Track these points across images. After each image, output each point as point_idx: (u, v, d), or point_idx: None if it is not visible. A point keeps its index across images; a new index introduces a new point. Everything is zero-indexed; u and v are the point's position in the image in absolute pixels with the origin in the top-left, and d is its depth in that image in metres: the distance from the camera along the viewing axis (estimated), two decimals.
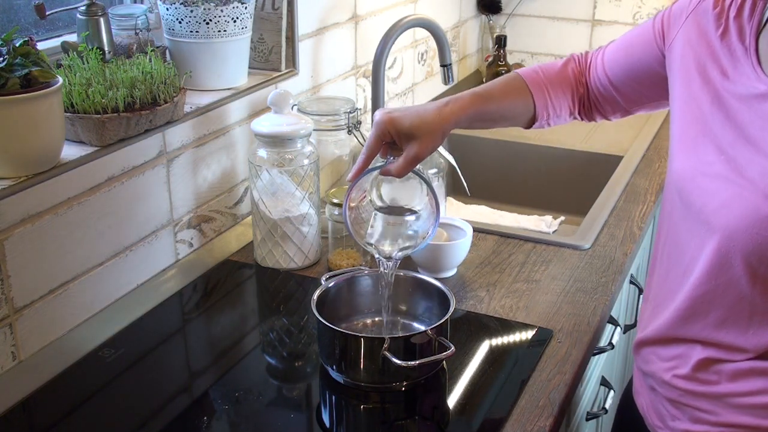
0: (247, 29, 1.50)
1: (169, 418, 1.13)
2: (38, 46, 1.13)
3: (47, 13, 1.29)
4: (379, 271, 1.19)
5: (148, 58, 1.32)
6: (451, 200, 2.06)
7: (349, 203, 1.15)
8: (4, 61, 1.07)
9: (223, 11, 1.44)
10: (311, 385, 1.23)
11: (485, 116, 1.20)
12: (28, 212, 1.13)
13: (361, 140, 1.66)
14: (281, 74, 1.65)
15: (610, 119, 1.31)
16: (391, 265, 1.18)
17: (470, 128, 1.23)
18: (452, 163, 1.59)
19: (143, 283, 1.37)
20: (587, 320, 1.35)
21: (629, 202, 1.80)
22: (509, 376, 1.21)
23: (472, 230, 1.49)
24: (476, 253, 1.55)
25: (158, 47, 1.46)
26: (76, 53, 1.29)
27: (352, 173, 1.13)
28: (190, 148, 1.42)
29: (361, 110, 1.71)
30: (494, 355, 1.26)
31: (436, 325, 1.16)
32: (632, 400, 1.25)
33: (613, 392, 1.64)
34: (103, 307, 1.30)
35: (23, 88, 1.08)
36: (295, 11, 1.63)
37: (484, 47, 2.71)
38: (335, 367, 1.17)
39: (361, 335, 1.17)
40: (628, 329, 1.71)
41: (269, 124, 1.43)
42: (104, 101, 1.21)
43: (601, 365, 1.63)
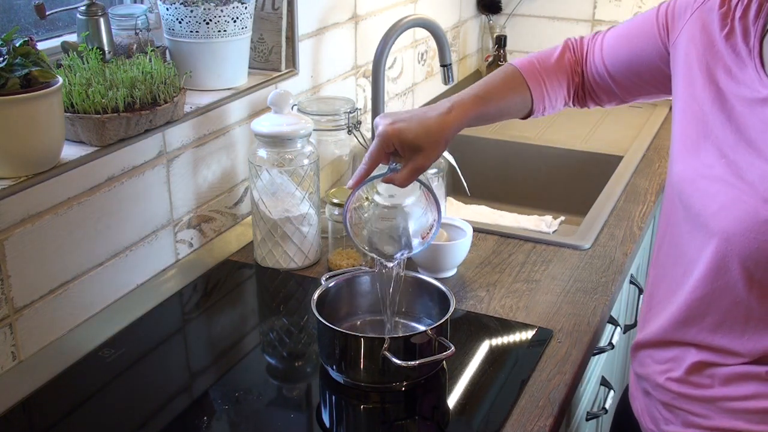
0: (247, 29, 1.50)
1: (169, 418, 1.13)
2: (38, 46, 1.13)
3: (47, 13, 1.29)
4: (376, 270, 1.19)
5: (148, 58, 1.32)
6: (451, 200, 2.06)
7: (350, 209, 1.15)
8: (4, 61, 1.07)
9: (223, 11, 1.44)
10: (311, 385, 1.23)
11: (485, 117, 1.20)
12: (28, 212, 1.13)
13: (361, 140, 1.66)
14: (281, 74, 1.65)
15: (604, 107, 1.31)
16: (391, 265, 1.17)
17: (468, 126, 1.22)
18: (452, 163, 1.59)
19: (143, 283, 1.37)
20: (587, 320, 1.35)
21: (629, 202, 1.80)
22: (509, 376, 1.21)
23: (472, 230, 1.49)
24: (476, 253, 1.55)
25: (158, 47, 1.46)
26: (76, 53, 1.29)
27: (352, 181, 1.11)
28: (190, 148, 1.42)
29: (361, 110, 1.71)
30: (494, 355, 1.26)
31: (436, 325, 1.16)
32: (628, 404, 1.25)
33: (613, 392, 1.64)
34: (103, 307, 1.30)
35: (23, 88, 1.08)
36: (295, 11, 1.63)
37: (484, 47, 2.71)
38: (335, 367, 1.17)
39: (361, 335, 1.17)
40: (628, 329, 1.71)
41: (269, 124, 1.43)
42: (104, 101, 1.21)
43: (601, 365, 1.63)
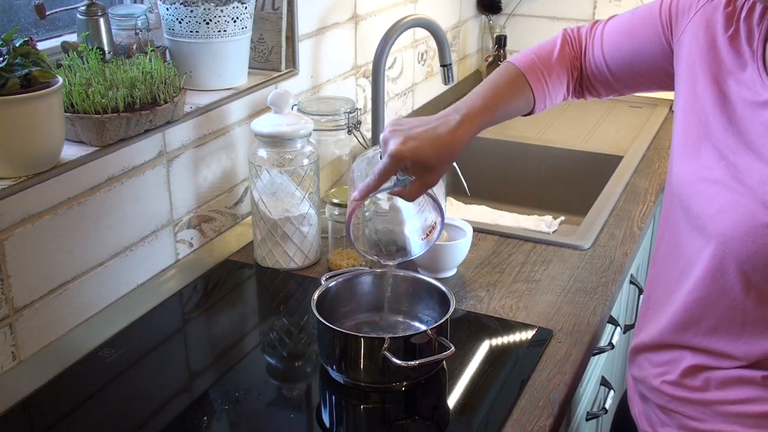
0: (247, 29, 1.50)
1: (169, 418, 1.13)
2: (38, 46, 1.13)
3: (47, 13, 1.29)
4: (376, 268, 1.19)
5: (148, 58, 1.32)
6: (451, 200, 2.06)
7: (352, 222, 1.13)
8: (4, 61, 1.07)
9: (223, 11, 1.44)
10: (311, 385, 1.23)
11: (491, 124, 1.19)
12: (28, 212, 1.13)
13: (361, 140, 1.66)
14: (281, 74, 1.65)
15: (601, 98, 1.30)
16: (392, 264, 1.18)
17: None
18: (452, 163, 1.59)
19: (143, 283, 1.37)
20: (587, 320, 1.35)
21: (629, 202, 1.80)
22: (509, 376, 1.21)
23: (472, 230, 1.49)
24: (476, 253, 1.55)
25: (158, 47, 1.45)
26: (76, 53, 1.29)
27: (358, 194, 1.09)
28: (190, 148, 1.42)
29: (361, 110, 1.71)
30: (494, 355, 1.26)
31: (436, 325, 1.16)
32: (627, 406, 1.25)
33: (613, 392, 1.64)
34: (103, 307, 1.30)
35: (23, 88, 1.08)
36: (295, 11, 1.63)
37: (484, 47, 2.71)
38: (335, 367, 1.17)
39: (361, 335, 1.17)
40: (628, 329, 1.71)
41: (269, 124, 1.43)
42: (104, 101, 1.21)
43: (601, 365, 1.63)
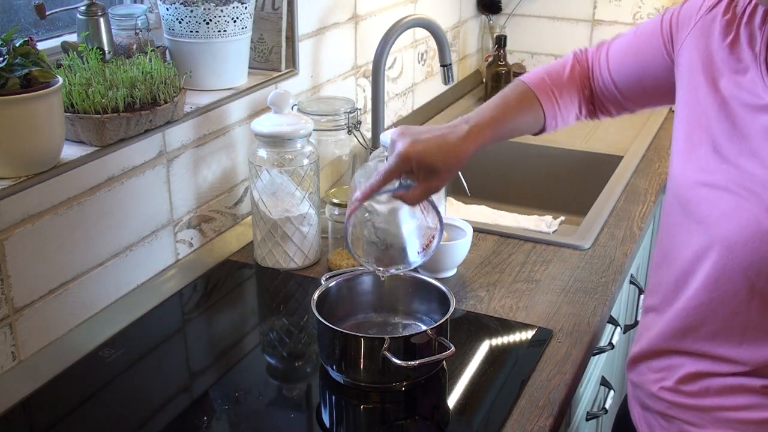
0: (247, 29, 1.50)
1: (169, 418, 1.13)
2: (38, 46, 1.13)
3: (47, 13, 1.29)
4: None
5: (148, 58, 1.32)
6: (451, 200, 2.06)
7: (352, 223, 1.13)
8: (4, 61, 1.07)
9: (223, 11, 1.44)
10: (311, 385, 1.23)
11: (500, 137, 1.19)
12: (28, 212, 1.13)
13: (361, 140, 1.66)
14: (281, 74, 1.65)
15: (613, 117, 1.31)
16: (387, 274, 1.20)
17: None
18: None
19: (143, 283, 1.37)
20: (587, 320, 1.35)
21: (629, 202, 1.80)
22: (509, 376, 1.21)
23: (472, 230, 1.49)
24: (476, 253, 1.55)
25: (158, 47, 1.45)
26: (76, 53, 1.29)
27: (360, 194, 1.09)
28: (190, 148, 1.42)
29: (361, 110, 1.71)
30: (494, 355, 1.26)
31: (436, 325, 1.16)
32: (627, 411, 1.25)
33: (613, 392, 1.64)
34: (103, 307, 1.30)
35: (23, 88, 1.08)
36: (295, 11, 1.63)
37: (484, 47, 2.71)
38: (335, 367, 1.17)
39: (361, 335, 1.17)
40: (628, 329, 1.71)
41: (269, 124, 1.43)
42: (104, 101, 1.21)
43: (601, 365, 1.63)
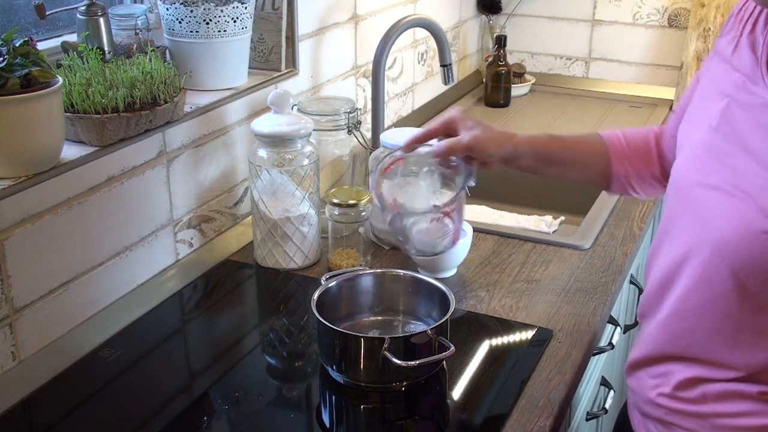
0: (247, 29, 1.50)
1: (169, 418, 1.14)
2: (38, 46, 1.13)
3: (47, 13, 1.29)
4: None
5: (148, 58, 1.32)
6: None
7: (381, 170, 1.18)
8: (4, 61, 1.07)
9: (223, 11, 1.44)
10: (311, 385, 1.23)
11: (553, 157, 1.22)
12: (28, 212, 1.13)
13: (361, 140, 1.66)
14: (281, 74, 1.65)
15: None
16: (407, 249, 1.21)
17: (536, 170, 1.25)
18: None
19: (143, 283, 1.37)
20: (587, 320, 1.35)
21: (629, 202, 1.80)
22: (509, 376, 1.21)
23: (472, 230, 1.49)
24: (476, 253, 1.55)
25: (158, 47, 1.45)
26: (76, 53, 1.29)
27: (404, 144, 1.19)
28: (190, 148, 1.42)
29: (361, 110, 1.71)
30: (494, 355, 1.26)
31: (436, 325, 1.16)
32: (627, 416, 1.24)
33: (613, 392, 1.64)
34: (103, 307, 1.30)
35: (23, 88, 1.08)
36: (295, 11, 1.63)
37: (484, 47, 2.71)
38: (335, 367, 1.17)
39: (361, 335, 1.17)
40: (628, 329, 1.71)
41: (269, 124, 1.43)
42: (104, 101, 1.21)
43: (601, 365, 1.63)
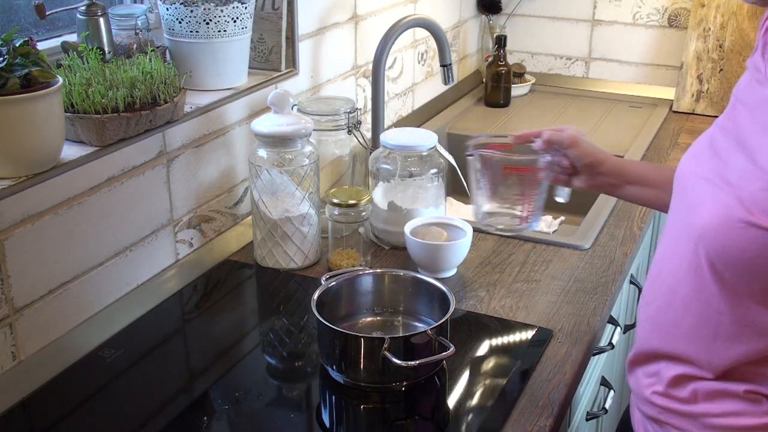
0: (247, 29, 1.50)
1: (169, 418, 1.13)
2: (38, 46, 1.13)
3: (47, 13, 1.29)
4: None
5: (148, 58, 1.32)
6: (451, 200, 2.06)
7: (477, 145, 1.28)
8: (4, 61, 1.07)
9: (223, 11, 1.44)
10: (311, 385, 1.23)
11: (624, 174, 1.25)
12: (28, 212, 1.13)
13: (361, 140, 1.66)
14: (281, 74, 1.65)
15: None
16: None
17: (614, 187, 1.28)
18: (452, 163, 1.59)
19: (143, 283, 1.37)
20: (587, 320, 1.35)
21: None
22: (509, 376, 1.21)
23: (472, 230, 1.49)
24: (476, 253, 1.55)
25: (158, 47, 1.45)
26: (76, 53, 1.29)
27: (514, 137, 1.29)
28: (190, 148, 1.42)
29: (361, 110, 1.71)
30: (494, 355, 1.26)
31: (436, 325, 1.16)
32: (629, 416, 1.25)
33: (613, 392, 1.64)
34: (103, 307, 1.30)
35: (23, 88, 1.08)
36: (295, 11, 1.63)
37: (484, 47, 2.71)
38: (335, 367, 1.17)
39: (361, 335, 1.17)
40: (628, 329, 1.70)
41: (269, 124, 1.43)
42: (104, 101, 1.21)
43: (601, 365, 1.63)
